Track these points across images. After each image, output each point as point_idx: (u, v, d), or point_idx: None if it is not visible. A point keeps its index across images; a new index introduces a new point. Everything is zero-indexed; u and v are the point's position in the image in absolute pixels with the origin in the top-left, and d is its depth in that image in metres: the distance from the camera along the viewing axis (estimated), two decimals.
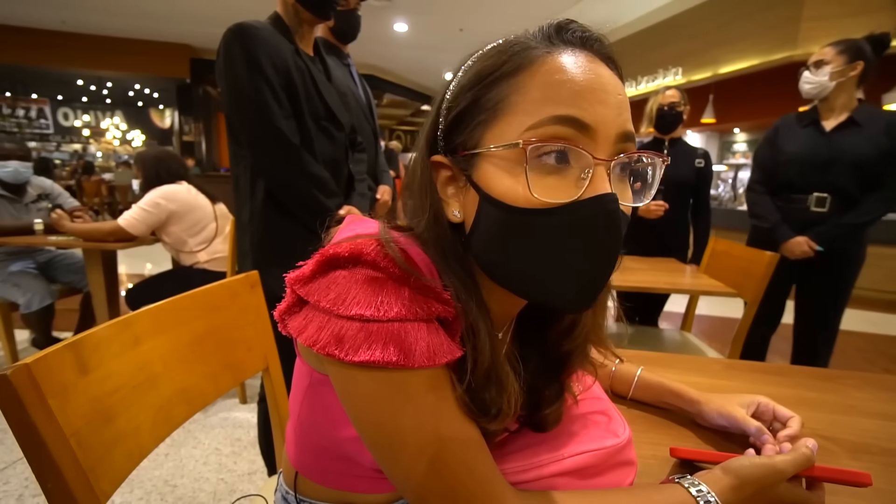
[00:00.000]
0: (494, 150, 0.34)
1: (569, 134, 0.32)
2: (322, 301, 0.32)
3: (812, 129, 1.64)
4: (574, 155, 0.33)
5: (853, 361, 2.57)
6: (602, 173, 0.33)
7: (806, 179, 1.62)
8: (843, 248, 1.60)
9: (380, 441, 0.34)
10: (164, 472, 1.43)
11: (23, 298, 1.89)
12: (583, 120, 0.32)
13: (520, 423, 0.43)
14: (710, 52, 4.86)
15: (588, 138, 0.33)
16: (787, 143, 1.68)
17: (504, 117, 0.34)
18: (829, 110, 1.61)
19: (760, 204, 1.74)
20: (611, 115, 0.33)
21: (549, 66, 0.33)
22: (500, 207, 0.34)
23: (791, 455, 0.40)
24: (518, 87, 0.34)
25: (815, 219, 1.61)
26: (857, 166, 1.53)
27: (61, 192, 2.24)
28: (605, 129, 0.33)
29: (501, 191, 0.34)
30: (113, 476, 0.45)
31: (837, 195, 1.58)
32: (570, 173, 0.33)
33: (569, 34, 0.35)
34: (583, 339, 0.43)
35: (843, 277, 1.65)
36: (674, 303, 2.12)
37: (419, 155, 0.39)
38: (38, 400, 0.37)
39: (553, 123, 0.32)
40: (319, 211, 1.11)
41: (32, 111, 10.91)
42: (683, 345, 1.65)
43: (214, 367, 0.65)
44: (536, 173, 0.33)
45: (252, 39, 1.03)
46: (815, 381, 0.73)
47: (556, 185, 0.33)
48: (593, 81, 0.33)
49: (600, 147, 0.33)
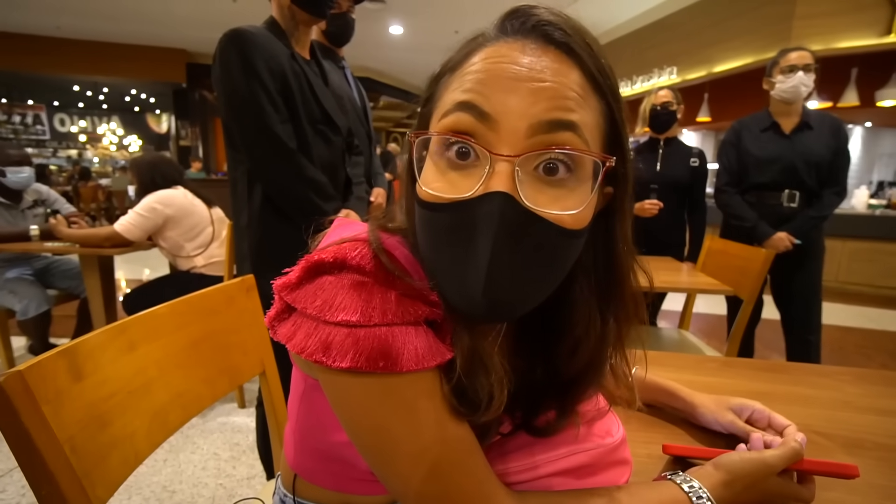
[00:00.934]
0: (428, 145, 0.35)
1: (469, 122, 0.31)
2: (309, 308, 0.32)
3: (772, 133, 1.78)
4: (476, 148, 0.31)
5: (850, 357, 2.58)
6: (504, 171, 0.30)
7: (777, 179, 1.77)
8: (809, 242, 1.76)
9: (372, 446, 0.34)
10: (163, 477, 1.42)
11: (19, 305, 1.88)
12: (481, 107, 0.30)
13: (514, 426, 0.43)
14: (705, 51, 4.88)
15: (489, 130, 0.30)
16: (752, 146, 1.81)
17: (434, 112, 0.34)
18: (790, 114, 1.75)
19: (736, 205, 1.85)
20: (519, 104, 0.30)
21: (478, 57, 0.32)
22: (415, 199, 0.35)
23: (780, 450, 0.41)
24: (449, 82, 0.34)
25: (788, 214, 1.76)
26: (816, 165, 1.71)
27: (58, 198, 2.24)
28: (510, 121, 0.30)
29: (420, 182, 0.34)
30: (108, 482, 0.45)
31: (803, 191, 1.75)
32: (475, 170, 0.31)
33: (511, 23, 0.33)
34: (587, 368, 0.39)
35: (815, 269, 1.81)
36: (671, 301, 2.12)
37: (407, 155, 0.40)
38: (31, 407, 0.37)
39: (455, 111, 0.31)
40: (317, 214, 1.10)
41: (29, 117, 10.89)
42: (681, 343, 1.65)
43: (211, 372, 0.65)
44: (442, 167, 0.32)
45: (247, 44, 1.04)
46: (810, 377, 0.73)
47: (457, 180, 0.32)
48: (504, 69, 0.30)
49: (505, 141, 0.30)
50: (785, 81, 1.69)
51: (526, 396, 0.40)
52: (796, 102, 1.72)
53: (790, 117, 1.75)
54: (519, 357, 0.41)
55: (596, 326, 0.38)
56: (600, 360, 0.39)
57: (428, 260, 0.35)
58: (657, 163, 2.00)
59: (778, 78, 1.71)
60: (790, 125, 1.75)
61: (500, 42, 0.33)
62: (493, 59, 0.32)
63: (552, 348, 0.40)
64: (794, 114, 1.74)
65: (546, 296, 0.35)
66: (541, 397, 0.41)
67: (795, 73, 1.66)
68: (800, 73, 1.65)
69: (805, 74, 1.66)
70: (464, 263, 0.31)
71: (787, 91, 1.69)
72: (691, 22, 5.06)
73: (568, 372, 0.39)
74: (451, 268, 0.32)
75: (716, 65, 4.80)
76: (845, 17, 3.84)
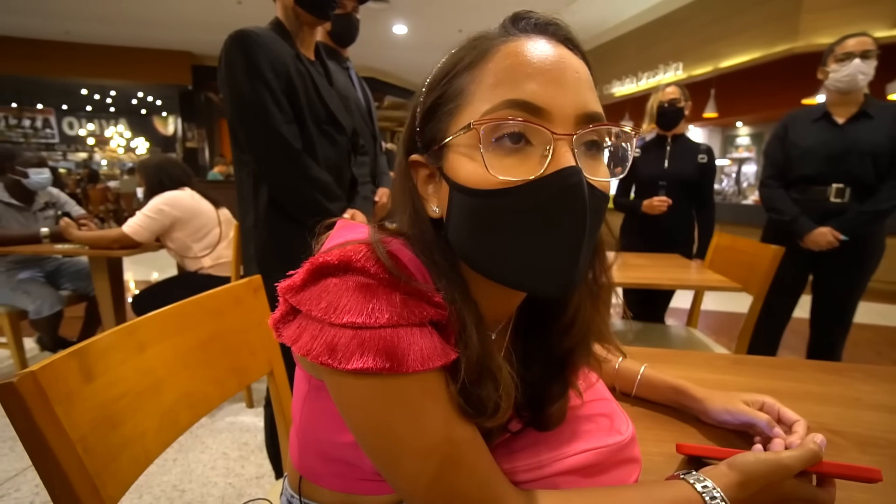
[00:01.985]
0: (456, 139, 0.35)
1: (523, 117, 0.33)
2: (314, 310, 0.32)
3: (824, 123, 1.65)
4: (532, 133, 0.33)
5: (863, 353, 2.55)
6: (564, 148, 0.32)
7: (823, 171, 1.63)
8: (863, 237, 1.61)
9: (377, 447, 0.34)
10: (173, 477, 1.44)
11: (32, 305, 1.91)
12: (534, 103, 0.32)
13: (524, 423, 0.43)
14: (711, 47, 4.84)
15: (543, 120, 0.33)
16: (799, 137, 1.69)
17: (465, 108, 0.35)
18: (846, 104, 1.62)
19: (777, 199, 1.75)
20: (566, 95, 0.33)
21: (503, 52, 0.34)
22: (466, 192, 0.34)
23: (798, 451, 0.39)
24: (475, 77, 0.35)
25: (834, 209, 1.62)
26: (872, 156, 1.55)
27: (67, 201, 2.26)
28: (561, 110, 0.33)
29: (465, 176, 0.34)
30: (119, 481, 0.45)
31: (855, 185, 1.60)
32: (531, 153, 0.33)
33: (523, 23, 0.36)
34: (584, 336, 0.42)
35: (864, 267, 1.67)
36: (679, 299, 2.10)
37: (399, 157, 0.40)
38: (44, 407, 0.38)
39: (506, 108, 0.33)
40: (322, 214, 1.11)
41: (38, 121, 11.03)
42: (689, 341, 1.64)
43: (219, 372, 0.65)
44: (496, 154, 0.33)
45: (252, 45, 1.04)
46: (821, 374, 0.72)
47: (516, 164, 0.33)
48: (545, 62, 0.33)
49: (559, 126, 0.33)
50: (839, 70, 1.55)
51: (531, 394, 0.41)
52: (854, 92, 1.57)
53: (846, 107, 1.60)
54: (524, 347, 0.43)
55: (587, 294, 0.41)
56: (591, 327, 0.42)
57: (486, 249, 0.35)
58: (665, 160, 1.98)
59: (832, 67, 1.58)
60: (845, 115, 1.60)
61: (519, 38, 0.35)
62: (524, 53, 0.34)
63: (549, 325, 0.42)
64: (852, 104, 1.59)
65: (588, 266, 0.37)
66: (542, 385, 0.42)
67: (852, 60, 1.52)
68: (856, 61, 1.52)
69: (863, 62, 1.52)
70: (557, 236, 0.32)
71: (841, 80, 1.56)
72: (697, 17, 5.02)
73: (562, 345, 0.42)
74: (537, 244, 0.33)
75: (722, 60, 4.76)
76: (853, 9, 3.79)
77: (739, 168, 6.04)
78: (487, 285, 0.37)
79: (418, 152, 0.39)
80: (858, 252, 1.63)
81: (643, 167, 2.03)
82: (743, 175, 5.92)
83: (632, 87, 5.99)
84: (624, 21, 5.93)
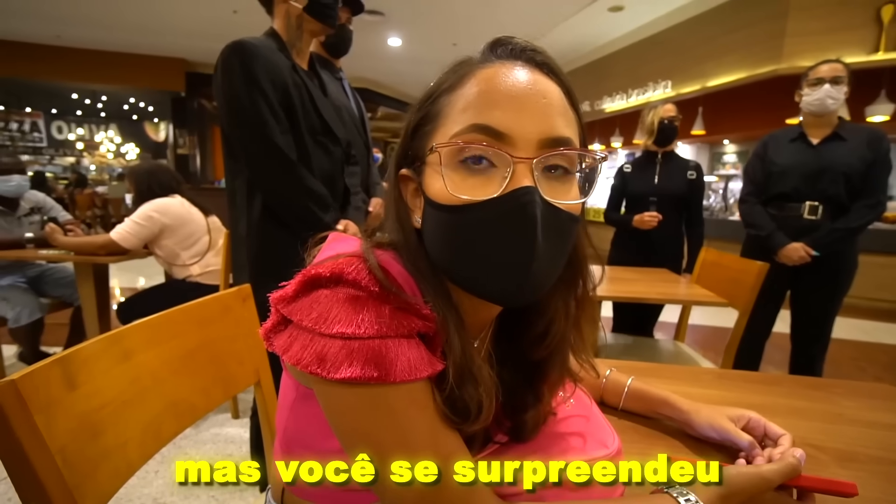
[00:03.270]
0: (429, 158, 0.38)
1: (486, 141, 0.35)
2: (305, 320, 0.33)
3: (800, 143, 1.72)
4: (495, 156, 0.35)
5: (845, 370, 2.59)
6: (523, 171, 0.34)
7: (799, 189, 1.70)
8: (836, 254, 1.66)
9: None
10: (154, 489, 1.40)
11: (11, 313, 1.86)
12: (496, 128, 0.34)
13: (508, 435, 0.43)
14: (699, 66, 4.97)
15: (505, 144, 0.34)
16: (777, 156, 1.75)
17: (439, 129, 0.38)
18: (820, 125, 1.69)
19: (755, 214, 1.80)
20: (530, 120, 0.35)
21: (477, 78, 0.36)
22: (434, 206, 0.37)
23: (778, 464, 0.40)
24: (451, 101, 0.37)
25: (808, 226, 1.68)
26: (845, 176, 1.62)
27: (54, 206, 2.23)
28: (524, 135, 0.34)
29: (434, 192, 0.37)
30: (99, 494, 0.44)
31: (829, 203, 1.67)
32: (494, 174, 0.35)
33: (500, 49, 0.38)
34: (556, 347, 0.43)
35: (838, 283, 1.71)
36: (667, 313, 2.13)
37: (391, 169, 0.42)
38: (23, 416, 0.37)
39: (470, 132, 0.35)
40: (316, 225, 1.11)
41: (26, 124, 10.87)
42: (676, 355, 1.65)
43: (206, 382, 0.64)
44: (460, 175, 0.35)
45: (250, 55, 1.05)
46: (804, 389, 0.73)
47: (479, 185, 0.35)
48: (513, 89, 0.35)
49: (520, 150, 0.34)
50: (811, 94, 1.64)
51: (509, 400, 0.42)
52: (826, 115, 1.65)
53: (820, 129, 1.68)
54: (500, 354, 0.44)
55: (562, 308, 0.42)
56: (565, 340, 0.43)
57: (451, 259, 0.37)
58: (655, 176, 2.02)
59: (805, 90, 1.67)
60: (819, 136, 1.68)
61: (494, 64, 0.37)
62: (494, 79, 0.36)
63: (523, 334, 0.44)
64: (826, 125, 1.68)
65: (554, 279, 0.38)
66: (518, 392, 0.43)
67: (822, 85, 1.61)
68: (826, 86, 1.60)
69: (833, 87, 1.59)
70: (508, 252, 0.34)
71: (812, 104, 1.64)
72: (686, 38, 5.16)
73: (534, 355, 0.43)
74: (491, 258, 0.35)
75: (710, 79, 4.88)
76: (835, 35, 3.93)
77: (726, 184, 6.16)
78: (466, 295, 0.39)
79: (407, 166, 0.41)
80: (832, 269, 1.69)
81: (634, 183, 2.07)
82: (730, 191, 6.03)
83: (622, 104, 6.11)
84: (615, 39, 6.07)
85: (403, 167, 0.41)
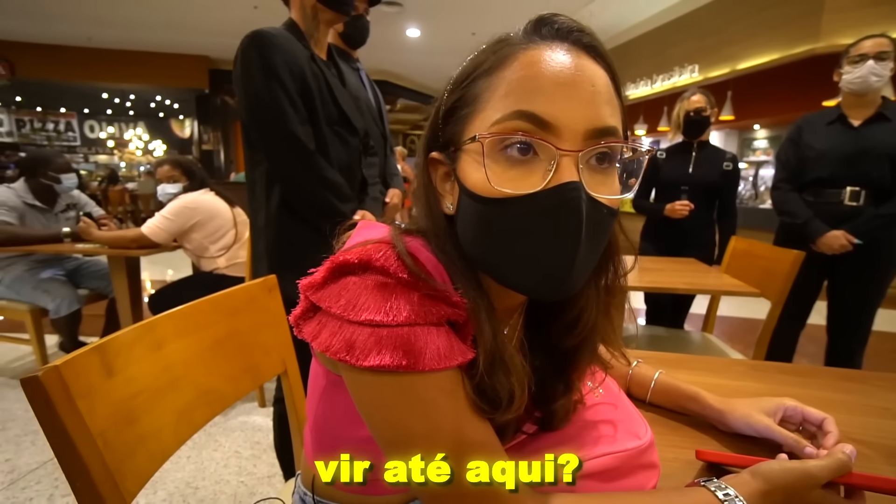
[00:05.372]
0: (466, 146, 0.36)
1: (529, 129, 0.33)
2: (333, 307, 0.33)
3: (839, 125, 1.62)
4: (539, 147, 0.33)
5: (886, 363, 2.47)
6: (568, 164, 0.33)
7: (837, 174, 1.60)
8: (878, 241, 1.57)
9: (393, 443, 0.34)
10: (186, 474, 1.45)
11: (52, 304, 1.95)
12: (541, 116, 0.32)
13: (537, 425, 0.43)
14: (728, 49, 4.76)
15: (550, 133, 0.33)
16: (814, 140, 1.66)
17: (478, 114, 0.35)
18: (861, 106, 1.58)
19: (789, 201, 1.71)
20: (577, 110, 0.33)
21: (521, 62, 0.34)
22: (472, 198, 0.35)
23: (826, 460, 0.38)
24: (491, 84, 0.35)
25: (848, 213, 1.59)
26: (890, 158, 1.52)
27: (88, 202, 2.32)
28: (571, 125, 0.33)
29: (473, 182, 0.35)
30: (137, 476, 0.46)
31: (871, 188, 1.57)
32: (538, 165, 0.33)
33: (545, 29, 0.36)
34: (588, 337, 0.42)
35: (880, 271, 1.62)
36: (694, 304, 2.07)
37: (420, 153, 0.41)
38: (67, 401, 0.39)
39: (513, 118, 0.33)
40: (334, 216, 1.12)
41: (61, 124, 11.33)
42: (705, 346, 1.61)
43: (234, 371, 0.66)
44: (502, 165, 0.34)
45: (268, 46, 1.05)
46: (844, 382, 0.70)
47: (520, 176, 0.33)
48: (559, 75, 0.33)
49: (566, 141, 0.33)
50: (852, 72, 1.53)
51: (540, 389, 0.41)
52: (868, 94, 1.54)
53: (862, 109, 1.57)
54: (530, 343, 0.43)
55: (594, 296, 0.41)
56: (596, 328, 0.42)
57: (487, 251, 0.36)
58: (690, 165, 1.96)
59: (846, 69, 1.56)
60: (861, 117, 1.57)
61: (539, 46, 0.34)
62: (539, 63, 0.33)
63: (553, 322, 0.43)
64: (868, 105, 1.56)
65: (589, 272, 0.37)
66: (549, 380, 0.43)
67: (865, 62, 1.50)
68: (870, 63, 1.49)
69: (877, 63, 1.48)
70: (550, 249, 0.33)
71: (853, 82, 1.53)
72: (713, 19, 4.95)
73: (565, 343, 0.42)
74: (531, 254, 0.34)
75: (739, 62, 4.68)
76: (877, 8, 3.70)
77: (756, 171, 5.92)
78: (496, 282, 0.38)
79: (438, 150, 0.40)
80: (875, 258, 1.59)
81: (667, 171, 2.01)
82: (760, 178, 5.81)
83: (646, 90, 5.92)
84: (639, 23, 5.88)
85: (434, 150, 0.40)
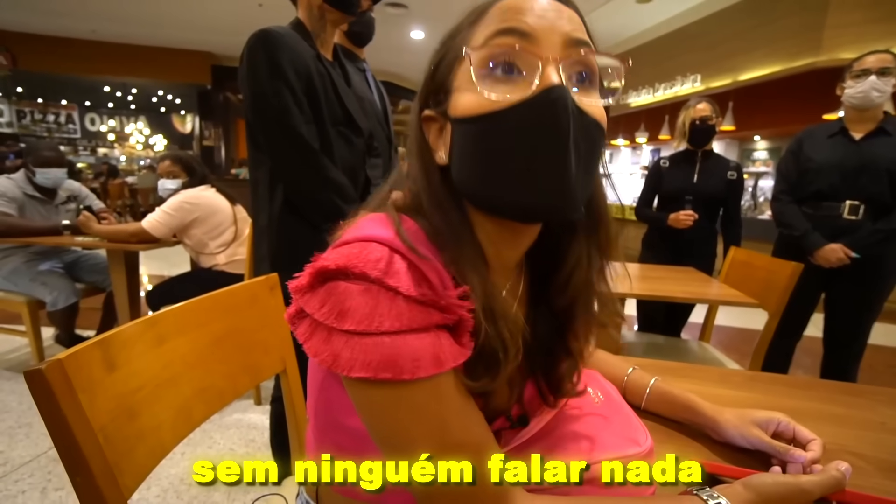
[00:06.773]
0: (457, 79, 0.38)
1: (511, 43, 0.35)
2: (317, 314, 0.33)
3: (840, 138, 1.63)
4: (522, 60, 0.35)
5: (881, 377, 2.48)
6: (552, 72, 0.34)
7: (837, 187, 1.61)
8: (877, 256, 1.58)
9: (390, 446, 0.34)
10: (181, 470, 1.45)
11: (49, 296, 1.95)
12: (521, 28, 0.35)
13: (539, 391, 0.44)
14: (730, 60, 4.80)
15: (531, 44, 0.35)
16: (815, 152, 1.67)
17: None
18: (863, 120, 1.60)
19: (788, 213, 1.72)
20: (556, 23, 0.35)
21: (499, 7, 0.37)
22: (463, 121, 0.36)
23: (819, 476, 0.39)
24: (475, 30, 0.38)
25: (847, 226, 1.60)
26: (889, 173, 1.53)
27: (88, 195, 2.31)
28: (550, 35, 0.35)
29: (463, 106, 0.36)
30: (136, 472, 0.46)
31: (870, 202, 1.58)
32: (523, 81, 0.35)
33: None
34: (580, 293, 0.43)
35: (877, 287, 1.63)
36: (692, 313, 2.08)
37: (413, 112, 0.42)
38: (69, 394, 0.39)
39: (495, 37, 0.35)
40: (338, 216, 1.11)
41: (62, 116, 11.29)
42: (702, 356, 1.62)
43: (233, 369, 0.66)
44: (489, 83, 0.35)
45: (275, 45, 1.05)
46: (841, 395, 0.70)
47: (508, 90, 0.35)
48: (535, 7, 0.36)
49: (547, 49, 0.35)
50: (854, 86, 1.55)
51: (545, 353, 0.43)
52: (870, 109, 1.56)
53: (864, 123, 1.59)
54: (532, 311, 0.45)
55: (584, 254, 0.42)
56: (590, 287, 0.43)
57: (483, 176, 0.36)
58: (694, 175, 1.97)
59: (848, 83, 1.58)
60: (862, 131, 1.59)
61: None
62: (516, 3, 0.36)
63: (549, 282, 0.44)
64: (870, 120, 1.58)
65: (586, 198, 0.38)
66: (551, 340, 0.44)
67: (867, 77, 1.52)
68: (872, 78, 1.51)
69: (879, 79, 1.50)
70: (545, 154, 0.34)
71: (855, 96, 1.55)
72: (716, 30, 4.99)
73: (561, 301, 0.43)
74: (528, 164, 0.34)
75: (741, 73, 4.71)
76: (876, 25, 3.74)
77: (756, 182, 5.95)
78: (492, 229, 0.39)
79: (429, 108, 0.41)
80: (872, 272, 1.60)
81: (671, 179, 2.01)
82: (759, 189, 5.84)
83: (648, 98, 5.96)
84: (641, 32, 5.91)
85: (426, 109, 0.41)
